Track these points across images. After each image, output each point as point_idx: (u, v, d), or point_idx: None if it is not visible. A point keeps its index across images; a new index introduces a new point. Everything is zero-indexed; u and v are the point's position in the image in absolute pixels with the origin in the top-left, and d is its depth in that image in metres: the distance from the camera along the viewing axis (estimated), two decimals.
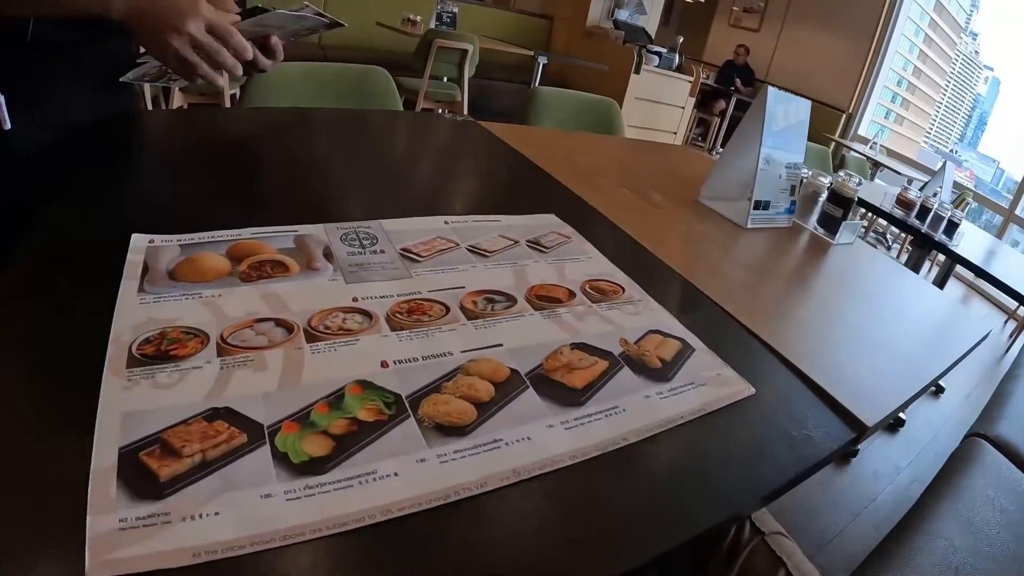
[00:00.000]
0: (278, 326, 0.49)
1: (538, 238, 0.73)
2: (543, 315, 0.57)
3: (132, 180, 0.75)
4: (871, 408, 0.56)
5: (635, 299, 0.64)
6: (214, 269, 0.55)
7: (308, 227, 0.65)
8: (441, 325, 0.52)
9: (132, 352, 0.44)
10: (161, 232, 0.59)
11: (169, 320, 0.48)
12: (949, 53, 6.96)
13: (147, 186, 0.74)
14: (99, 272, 0.53)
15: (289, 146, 0.96)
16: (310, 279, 0.56)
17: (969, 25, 6.65)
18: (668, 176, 1.26)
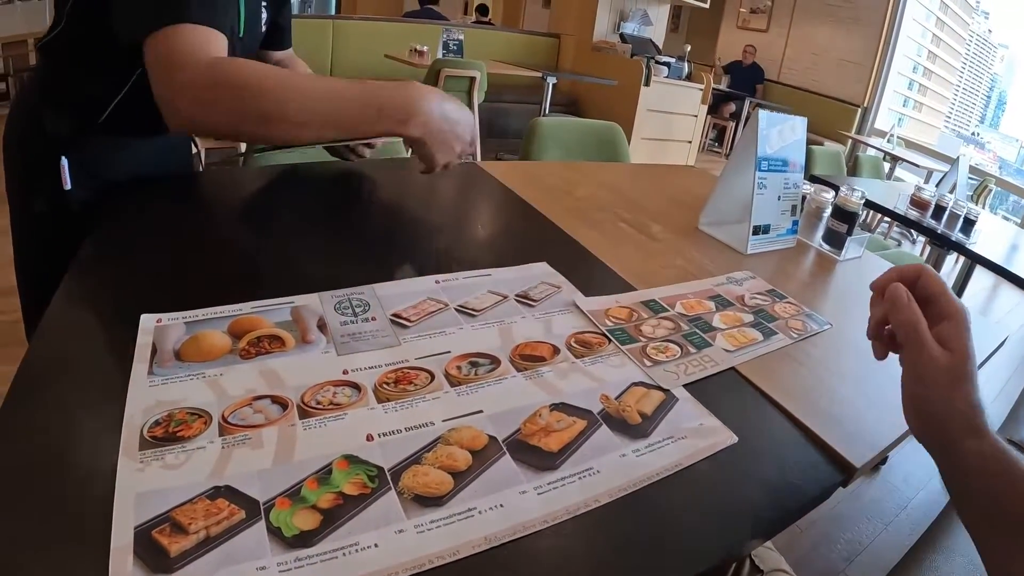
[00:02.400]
0: (274, 403, 0.52)
1: (527, 291, 0.75)
2: (525, 376, 0.58)
3: (140, 254, 0.79)
4: (861, 447, 0.57)
5: (620, 351, 0.66)
6: (216, 348, 0.59)
7: (304, 297, 0.68)
8: (425, 394, 0.54)
9: (144, 435, 0.47)
10: (167, 310, 0.63)
11: (176, 402, 0.51)
12: (962, 34, 6.79)
13: (153, 260, 0.78)
14: (113, 350, 0.57)
15: (288, 207, 1.00)
16: (305, 352, 0.59)
17: (980, 3, 6.49)
18: (670, 202, 1.27)
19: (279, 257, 0.79)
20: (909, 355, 0.51)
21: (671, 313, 0.75)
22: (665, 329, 0.71)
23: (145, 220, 0.92)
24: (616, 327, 0.70)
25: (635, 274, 0.84)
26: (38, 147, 0.91)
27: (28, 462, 0.44)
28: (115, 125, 0.88)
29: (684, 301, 0.79)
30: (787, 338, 0.75)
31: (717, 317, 0.76)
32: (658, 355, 0.65)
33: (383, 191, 1.17)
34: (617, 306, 0.74)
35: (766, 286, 0.89)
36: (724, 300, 0.82)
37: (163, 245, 0.83)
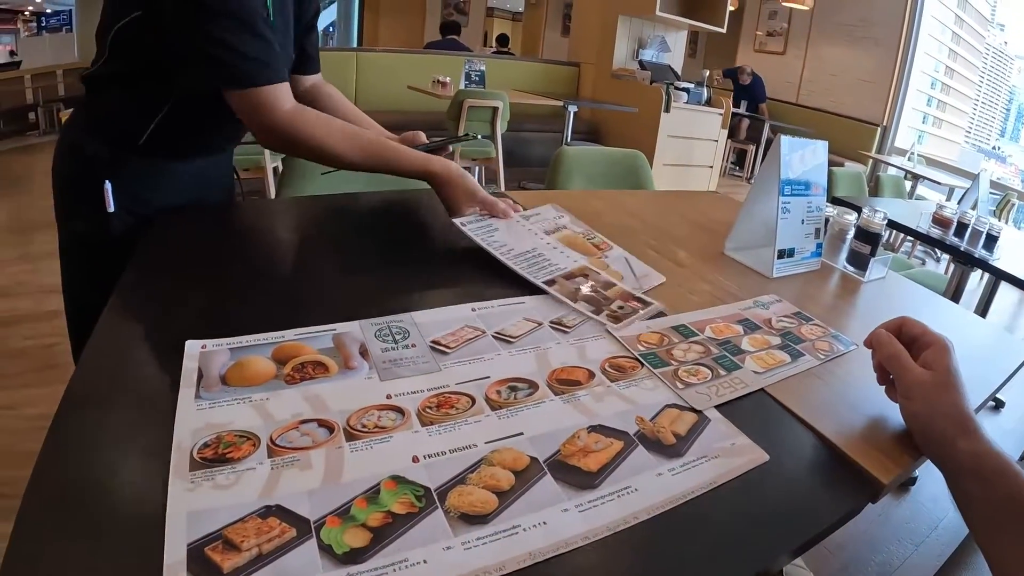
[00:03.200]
0: (320, 426, 0.54)
1: (561, 317, 0.77)
2: (563, 400, 0.60)
3: (182, 281, 0.83)
4: (888, 464, 0.58)
5: (653, 375, 0.67)
6: (261, 373, 0.61)
7: (345, 325, 0.70)
8: (467, 418, 0.56)
9: (193, 456, 0.49)
10: (211, 336, 0.65)
11: (224, 424, 0.53)
12: (979, 48, 6.74)
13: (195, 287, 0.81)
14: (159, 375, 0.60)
15: (326, 238, 1.04)
16: (348, 378, 0.61)
17: (994, 16, 6.46)
18: (695, 228, 1.29)
19: (318, 285, 0.82)
20: (898, 381, 0.61)
21: (701, 337, 0.77)
22: (696, 353, 0.72)
23: (186, 248, 0.97)
24: (648, 352, 0.71)
25: (663, 299, 0.86)
26: (82, 171, 0.98)
27: (78, 482, 0.46)
28: (153, 148, 0.95)
29: (713, 325, 0.80)
30: (814, 359, 0.76)
31: (746, 340, 0.78)
32: (690, 378, 0.67)
33: (416, 221, 1.20)
34: (648, 331, 0.76)
35: (792, 309, 0.90)
36: (752, 324, 0.83)
37: (205, 273, 0.87)
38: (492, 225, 0.99)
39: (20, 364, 2.29)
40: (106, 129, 0.97)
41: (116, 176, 0.98)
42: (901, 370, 0.60)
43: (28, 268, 3.13)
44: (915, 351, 0.62)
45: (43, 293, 2.87)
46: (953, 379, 0.57)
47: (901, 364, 0.60)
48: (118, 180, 0.98)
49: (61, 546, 0.41)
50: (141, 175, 1.00)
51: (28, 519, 0.43)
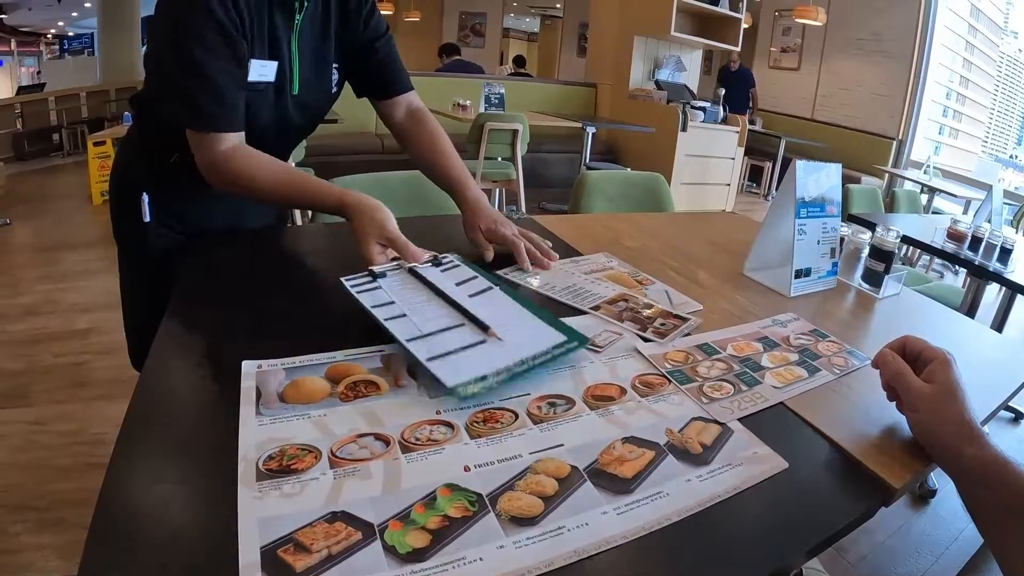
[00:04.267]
0: (377, 440, 0.59)
1: (594, 337, 0.82)
2: (598, 414, 0.66)
3: (232, 305, 0.89)
4: (899, 470, 0.62)
5: (680, 390, 0.72)
6: (317, 391, 0.66)
7: (391, 346, 0.76)
8: (512, 431, 0.62)
9: (259, 468, 0.53)
10: (263, 357, 0.71)
11: (286, 439, 0.58)
12: (992, 56, 6.71)
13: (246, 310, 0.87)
14: (218, 393, 0.66)
15: (352, 262, 1.10)
16: (399, 396, 0.67)
17: (1008, 24, 6.43)
18: (714, 248, 1.34)
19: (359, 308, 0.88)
20: (904, 396, 0.65)
21: (723, 355, 0.81)
22: (719, 370, 0.77)
23: (228, 273, 1.03)
24: (675, 369, 0.76)
25: None
26: (124, 183, 1.12)
27: (152, 495, 0.50)
28: (185, 167, 1.00)
29: (734, 344, 0.85)
30: (830, 374, 0.80)
31: (765, 357, 0.82)
32: (714, 393, 0.72)
33: (447, 246, 1.27)
34: (674, 350, 0.81)
35: (809, 327, 0.94)
36: (771, 341, 0.87)
37: (251, 297, 0.93)
38: (533, 271, 1.06)
39: (50, 381, 2.37)
40: (147, 145, 1.10)
41: (153, 189, 1.10)
42: (906, 386, 0.65)
43: (56, 287, 3.25)
44: (919, 367, 0.66)
45: (72, 312, 2.97)
46: (955, 390, 0.61)
47: (905, 381, 0.65)
48: (155, 194, 1.10)
49: (141, 556, 0.45)
50: (175, 191, 1.10)
51: (101, 530, 0.47)
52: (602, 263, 1.15)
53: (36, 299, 3.11)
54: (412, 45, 9.99)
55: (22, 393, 2.26)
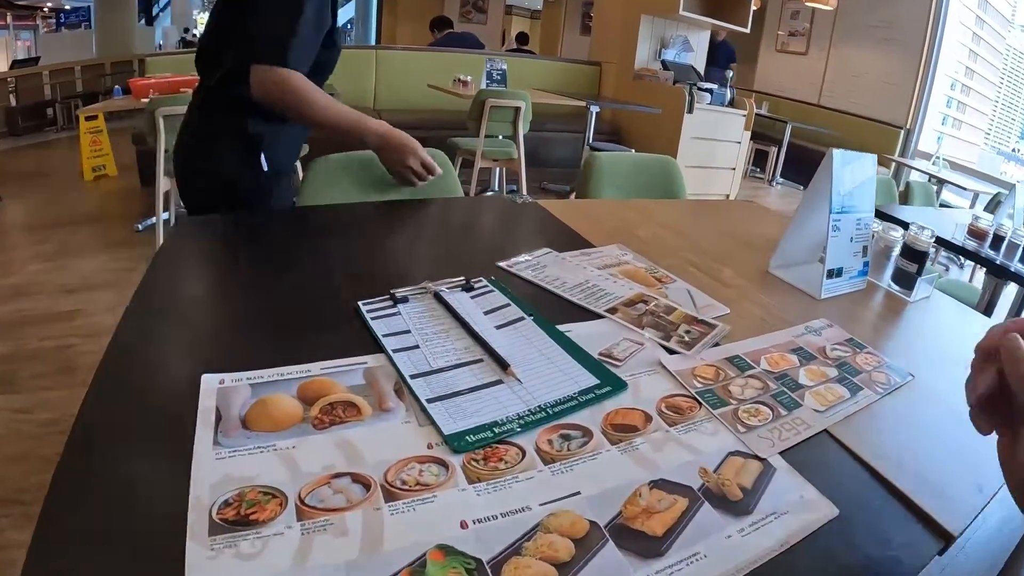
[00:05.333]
0: (355, 482, 0.49)
1: (610, 348, 0.72)
2: (619, 450, 0.55)
3: (196, 304, 0.79)
4: (956, 514, 0.53)
5: (712, 416, 0.62)
6: (287, 416, 0.56)
7: (377, 357, 0.66)
8: (518, 473, 0.51)
9: (213, 517, 0.44)
10: (229, 367, 0.60)
11: (247, 479, 0.48)
12: (999, 48, 6.59)
13: (211, 311, 0.78)
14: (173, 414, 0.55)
15: (345, 252, 0.99)
16: (383, 422, 0.57)
17: (1015, 17, 6.29)
18: (735, 242, 1.23)
19: (343, 308, 0.77)
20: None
21: (757, 371, 0.71)
22: (753, 389, 0.67)
23: (203, 260, 0.93)
24: (705, 388, 0.66)
25: None
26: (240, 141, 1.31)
27: (87, 542, 0.42)
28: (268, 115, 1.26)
29: (768, 356, 0.75)
30: (872, 393, 0.70)
31: (802, 373, 0.72)
32: (750, 419, 0.61)
33: (439, 236, 1.16)
34: (703, 364, 0.71)
35: (844, 335, 0.84)
36: (807, 353, 0.77)
37: (230, 290, 0.83)
38: (540, 263, 0.96)
39: (36, 366, 2.27)
40: (240, 108, 1.25)
41: (266, 144, 1.32)
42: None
43: (44, 267, 3.13)
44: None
45: (60, 293, 2.86)
46: None
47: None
48: (267, 148, 1.32)
49: None
50: (284, 144, 1.39)
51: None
52: (616, 256, 1.04)
53: (24, 280, 3.00)
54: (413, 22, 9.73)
55: (8, 379, 2.16)
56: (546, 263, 0.96)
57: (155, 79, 3.86)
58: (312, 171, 1.33)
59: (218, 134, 1.32)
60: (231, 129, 1.30)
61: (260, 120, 1.29)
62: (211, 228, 1.06)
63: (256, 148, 1.32)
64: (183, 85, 3.64)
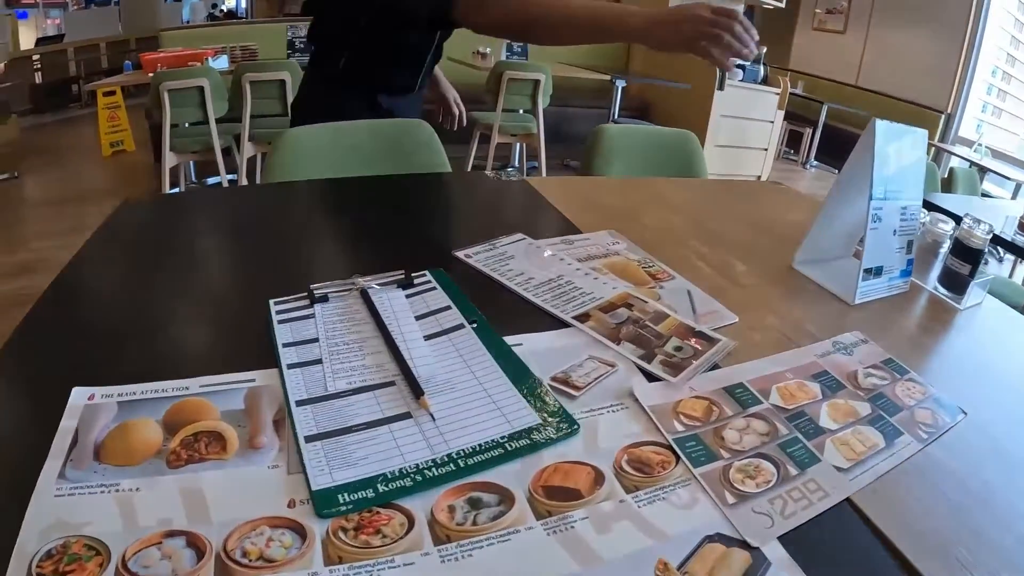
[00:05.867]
0: (189, 545, 0.38)
1: (569, 371, 0.56)
2: (547, 528, 0.39)
3: (97, 304, 0.67)
4: None
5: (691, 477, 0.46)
6: (144, 446, 0.45)
7: (269, 374, 0.52)
8: (394, 555, 0.37)
9: (31, 571, 0.36)
10: (107, 379, 0.51)
11: (77, 526, 0.39)
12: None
13: (108, 309, 0.65)
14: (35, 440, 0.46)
15: (283, 236, 0.86)
16: (247, 465, 0.44)
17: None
18: (755, 231, 1.05)
19: (254, 307, 0.64)
20: None
21: (764, 407, 0.54)
22: (756, 435, 0.50)
23: (126, 252, 0.80)
24: (688, 434, 0.49)
25: None
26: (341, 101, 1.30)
27: None
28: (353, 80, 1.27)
29: (781, 385, 0.58)
30: (915, 440, 0.53)
31: (825, 409, 0.55)
32: (745, 483, 0.45)
33: (404, 211, 1.01)
34: (692, 397, 0.54)
35: (882, 354, 0.67)
36: (832, 381, 0.60)
37: (134, 286, 0.70)
38: (506, 253, 0.80)
39: None
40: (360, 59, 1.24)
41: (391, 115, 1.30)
42: None
43: (52, 244, 3.09)
44: None
45: None
46: None
47: None
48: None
49: None
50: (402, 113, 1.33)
51: None
52: (605, 245, 0.88)
53: (30, 257, 2.97)
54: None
55: None
56: (513, 253, 0.81)
57: (164, 54, 3.79)
58: (280, 145, 1.19)
59: (344, 107, 1.28)
60: (361, 103, 1.29)
61: (386, 95, 1.30)
62: (163, 207, 0.93)
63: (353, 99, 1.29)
64: (191, 59, 3.57)
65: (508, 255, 0.80)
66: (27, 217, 3.69)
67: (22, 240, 3.23)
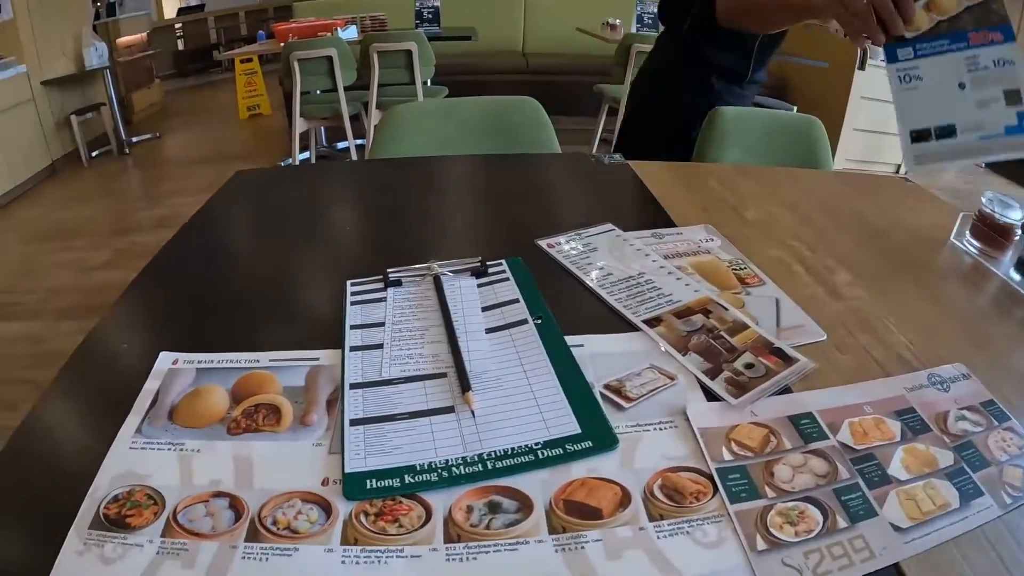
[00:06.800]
0: (230, 508, 0.42)
1: (625, 379, 0.54)
2: (558, 543, 0.39)
3: (193, 272, 0.73)
4: None
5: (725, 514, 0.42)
6: (210, 412, 0.51)
7: (332, 354, 0.56)
8: (405, 545, 0.38)
9: (100, 511, 0.41)
10: (194, 346, 0.58)
11: (143, 476, 0.44)
12: None
13: (202, 279, 0.72)
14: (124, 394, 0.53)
15: (373, 216, 0.89)
16: (296, 440, 0.47)
17: None
18: (869, 232, 0.95)
19: (335, 287, 0.67)
20: None
21: (829, 444, 0.49)
22: (811, 475, 0.46)
23: (230, 222, 0.87)
24: (734, 465, 0.46)
25: None
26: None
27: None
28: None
29: (856, 420, 0.52)
30: (995, 504, 0.45)
31: (899, 455, 0.49)
32: (783, 528, 0.41)
33: (496, 194, 1.01)
34: (751, 423, 0.51)
35: (983, 393, 0.58)
36: (917, 420, 0.53)
37: (230, 256, 0.77)
38: (591, 244, 0.79)
39: None
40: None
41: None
42: None
43: (190, 201, 3.41)
44: None
45: None
46: None
47: None
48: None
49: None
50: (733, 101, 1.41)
51: None
52: (697, 242, 0.84)
53: (167, 212, 3.29)
54: None
55: None
56: (597, 245, 0.79)
57: (296, 24, 4.00)
58: (387, 120, 1.23)
59: (679, 86, 1.37)
60: (694, 82, 1.36)
61: (718, 79, 1.36)
62: (270, 179, 1.00)
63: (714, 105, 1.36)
64: (320, 30, 3.75)
65: (592, 247, 0.79)
66: (167, 175, 4.08)
67: (160, 196, 3.58)
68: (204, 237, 0.84)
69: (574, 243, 0.80)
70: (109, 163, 4.29)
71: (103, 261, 2.82)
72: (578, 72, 4.59)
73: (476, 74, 4.66)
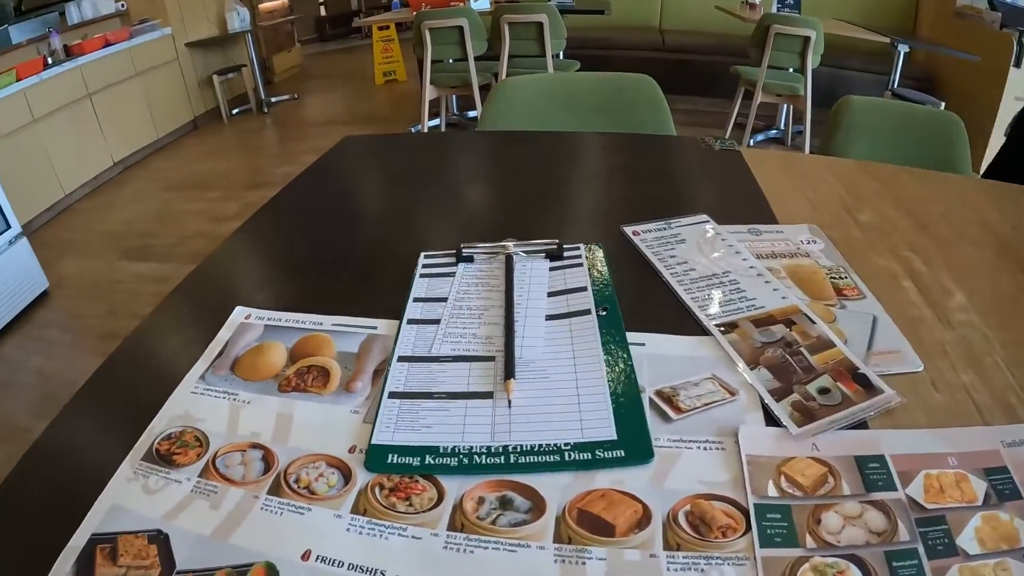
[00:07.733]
0: (262, 460, 0.45)
1: (680, 387, 0.51)
2: (559, 555, 0.37)
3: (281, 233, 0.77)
4: None
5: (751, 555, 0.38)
6: (267, 367, 0.54)
7: (389, 324, 0.58)
8: (408, 524, 0.39)
9: (154, 445, 0.45)
10: (263, 305, 0.62)
11: (196, 420, 0.48)
12: None
13: (289, 241, 0.77)
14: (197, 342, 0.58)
15: (462, 188, 0.89)
16: (337, 404, 0.50)
17: None
18: (998, 250, 0.81)
19: (412, 257, 0.68)
20: None
21: (896, 496, 0.43)
22: (864, 530, 0.41)
23: (328, 185, 0.90)
24: (778, 503, 0.42)
25: None
26: None
27: (62, 439, 0.48)
28: None
29: (934, 473, 0.45)
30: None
31: (975, 523, 0.42)
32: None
33: (594, 174, 0.98)
34: (809, 457, 0.46)
35: None
36: (1008, 483, 0.45)
37: (320, 221, 0.79)
38: (679, 235, 0.75)
39: None
40: None
41: None
42: None
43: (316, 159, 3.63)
44: None
45: None
46: None
47: None
48: None
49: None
50: None
51: None
52: (797, 243, 0.77)
53: (296, 170, 3.47)
54: None
55: None
56: (686, 237, 0.75)
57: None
58: (495, 93, 1.23)
59: None
60: None
61: None
62: (376, 145, 1.04)
63: None
64: None
65: (679, 238, 0.75)
66: (302, 135, 4.32)
67: (293, 154, 3.80)
68: (300, 199, 0.88)
69: (661, 232, 0.76)
70: (248, 121, 4.62)
71: (233, 212, 3.06)
72: (716, 52, 4.38)
73: (610, 49, 4.56)
